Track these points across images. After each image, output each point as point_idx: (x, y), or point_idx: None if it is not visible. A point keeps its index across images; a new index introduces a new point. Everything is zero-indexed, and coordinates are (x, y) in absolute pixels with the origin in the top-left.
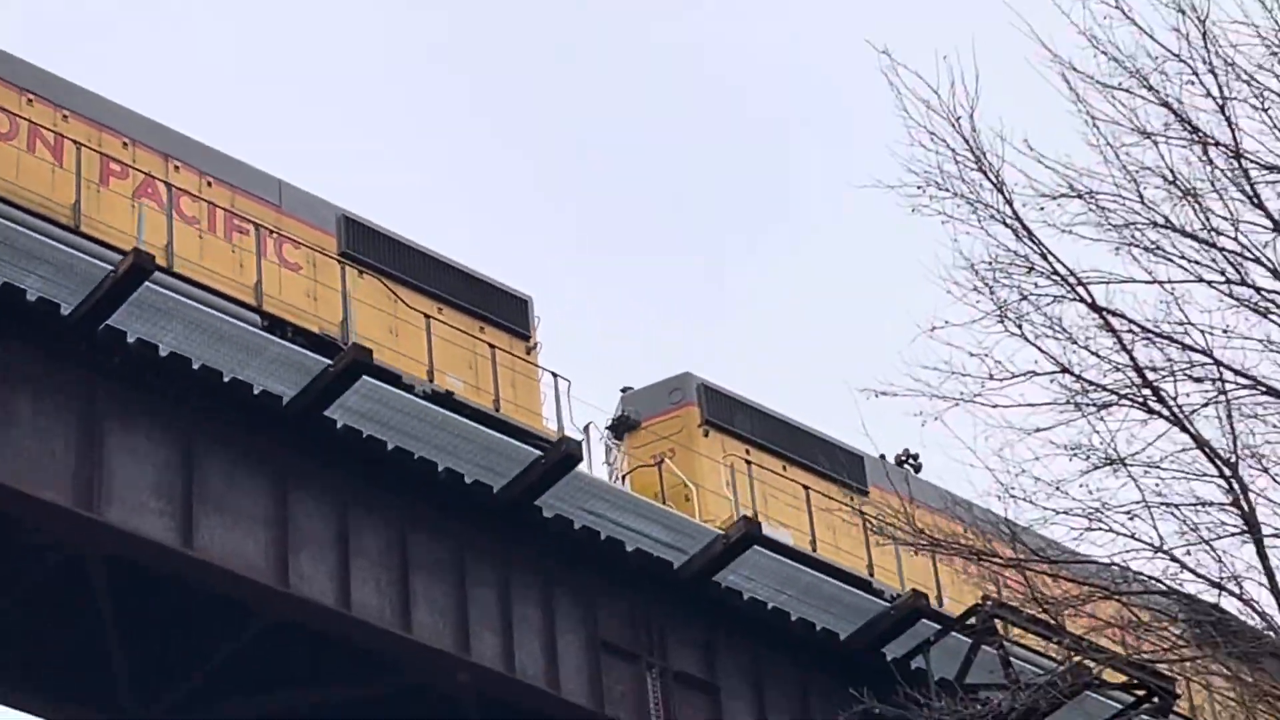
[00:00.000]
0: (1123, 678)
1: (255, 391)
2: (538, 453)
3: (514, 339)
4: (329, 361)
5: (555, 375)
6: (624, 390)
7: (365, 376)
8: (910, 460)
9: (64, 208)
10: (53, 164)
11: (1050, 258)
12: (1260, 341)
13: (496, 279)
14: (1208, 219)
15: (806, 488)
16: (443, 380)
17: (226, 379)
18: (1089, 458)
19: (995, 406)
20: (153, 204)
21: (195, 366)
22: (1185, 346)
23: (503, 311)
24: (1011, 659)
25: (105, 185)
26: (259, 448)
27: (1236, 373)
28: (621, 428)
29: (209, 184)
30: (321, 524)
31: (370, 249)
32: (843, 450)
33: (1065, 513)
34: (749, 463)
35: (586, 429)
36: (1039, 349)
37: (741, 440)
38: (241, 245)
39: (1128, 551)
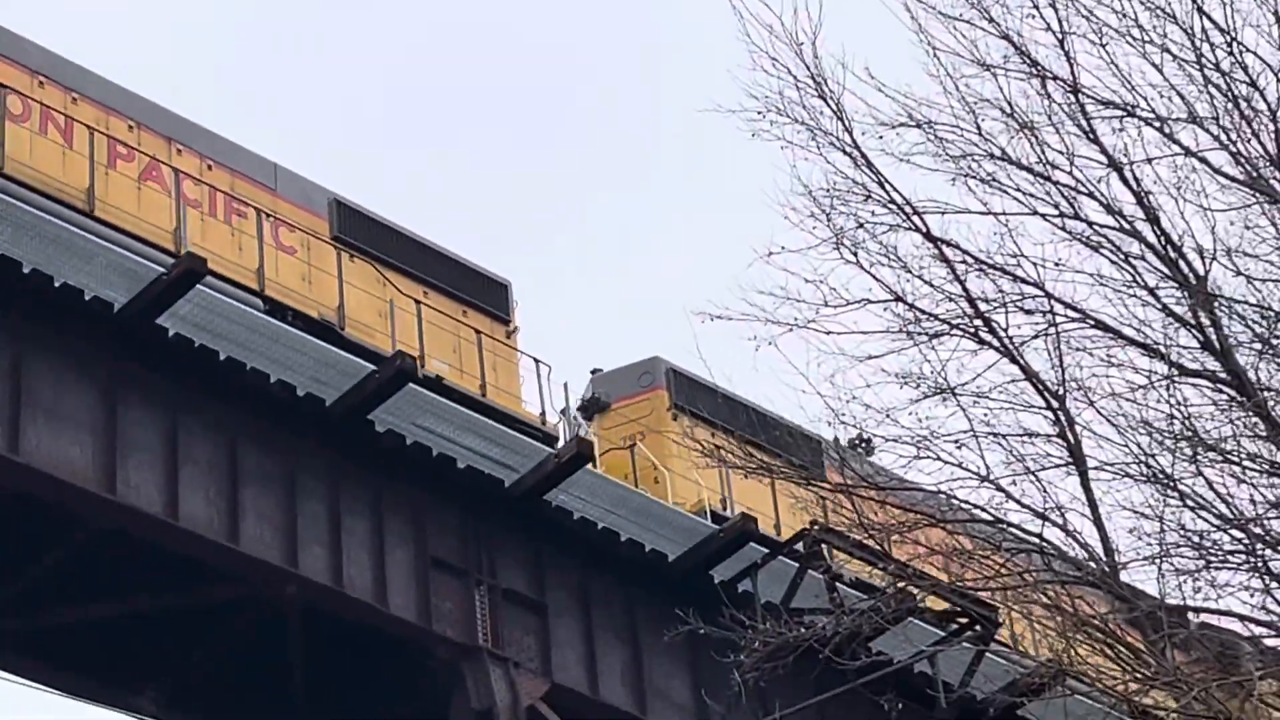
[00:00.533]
0: (946, 605)
1: (86, 298)
2: (371, 367)
3: (494, 323)
4: (162, 269)
5: (537, 360)
6: (594, 372)
7: (199, 286)
8: (863, 445)
9: (78, 191)
10: (63, 146)
11: (887, 186)
12: (1091, 275)
13: (478, 263)
14: (1043, 153)
15: (771, 469)
16: (429, 364)
17: (57, 284)
18: (919, 386)
19: (829, 333)
20: (156, 186)
21: (25, 270)
22: (1017, 278)
23: (484, 296)
24: (837, 584)
25: (113, 168)
26: (89, 354)
27: (1067, 306)
28: (591, 409)
29: (209, 167)
30: (151, 433)
31: (360, 233)
32: (801, 435)
33: (894, 440)
34: (718, 446)
35: (563, 412)
36: (873, 277)
37: (709, 425)
38: (240, 228)
39: (954, 480)
